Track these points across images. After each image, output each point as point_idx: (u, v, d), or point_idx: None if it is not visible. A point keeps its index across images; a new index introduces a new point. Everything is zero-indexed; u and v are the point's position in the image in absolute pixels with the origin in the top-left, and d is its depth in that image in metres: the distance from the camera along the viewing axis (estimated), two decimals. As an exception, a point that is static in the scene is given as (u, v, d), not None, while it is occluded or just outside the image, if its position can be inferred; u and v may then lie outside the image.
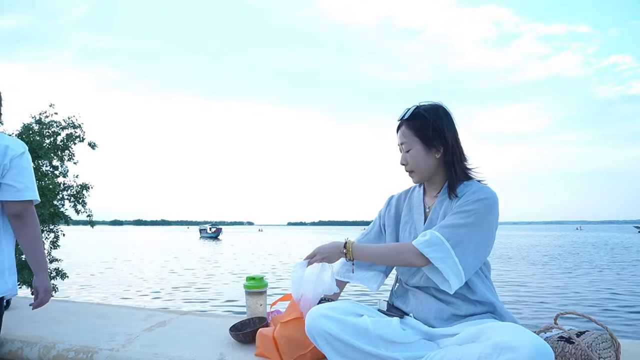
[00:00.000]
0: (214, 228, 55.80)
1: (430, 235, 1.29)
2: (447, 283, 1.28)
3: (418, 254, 1.29)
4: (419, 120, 1.40)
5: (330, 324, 1.25)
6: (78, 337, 1.78)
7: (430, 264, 1.28)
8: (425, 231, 1.33)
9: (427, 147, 1.39)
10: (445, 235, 1.28)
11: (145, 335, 1.81)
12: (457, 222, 1.29)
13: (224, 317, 2.14)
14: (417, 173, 1.44)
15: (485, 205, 1.31)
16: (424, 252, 1.27)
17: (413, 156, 1.41)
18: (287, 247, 33.33)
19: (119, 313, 2.22)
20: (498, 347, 1.02)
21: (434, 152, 1.40)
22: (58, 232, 9.54)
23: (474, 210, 1.30)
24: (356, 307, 1.36)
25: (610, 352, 1.28)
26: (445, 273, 1.26)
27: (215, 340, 1.73)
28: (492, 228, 1.33)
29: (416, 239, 1.32)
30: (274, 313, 1.76)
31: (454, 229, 1.28)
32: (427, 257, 1.27)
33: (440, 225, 1.32)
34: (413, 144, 1.40)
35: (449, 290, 1.28)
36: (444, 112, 1.41)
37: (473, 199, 1.32)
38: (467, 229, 1.28)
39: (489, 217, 1.31)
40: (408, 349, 1.24)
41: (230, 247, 33.81)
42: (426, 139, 1.38)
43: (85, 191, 9.49)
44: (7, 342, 1.75)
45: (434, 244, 1.27)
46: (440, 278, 1.30)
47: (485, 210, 1.30)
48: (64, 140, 9.00)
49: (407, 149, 1.42)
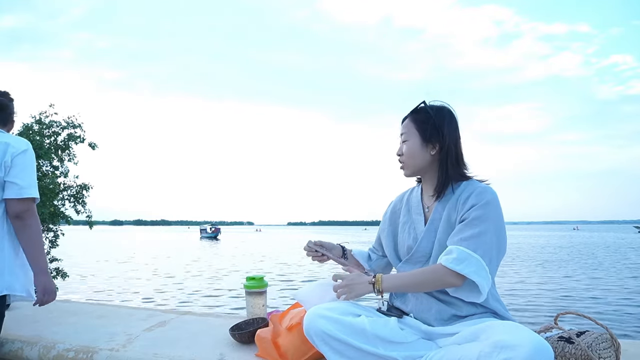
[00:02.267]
0: (213, 228, 55.90)
1: (456, 252, 1.26)
2: (474, 294, 1.27)
3: (452, 274, 1.25)
4: (422, 114, 1.43)
5: (328, 324, 1.25)
6: (78, 337, 1.78)
7: (466, 279, 1.25)
8: (449, 248, 1.29)
9: (424, 141, 1.41)
10: (471, 247, 1.25)
11: (145, 335, 1.81)
12: (476, 230, 1.27)
13: (224, 317, 2.14)
14: (408, 165, 1.45)
15: (493, 206, 1.31)
16: (457, 270, 1.23)
17: (409, 147, 1.43)
18: (284, 247, 33.33)
19: (119, 313, 2.22)
20: (498, 346, 1.02)
21: (430, 148, 1.41)
22: (58, 232, 9.54)
23: (486, 214, 1.29)
24: (354, 307, 1.36)
25: (610, 352, 1.27)
26: (481, 286, 1.23)
27: (215, 340, 1.73)
28: (504, 227, 1.33)
29: (443, 259, 1.27)
30: (273, 312, 1.76)
31: (475, 239, 1.26)
32: (462, 274, 1.23)
33: (461, 238, 1.28)
34: (411, 135, 1.43)
35: (478, 299, 1.27)
36: (449, 112, 1.43)
37: (480, 202, 1.31)
38: (487, 235, 1.27)
39: (500, 218, 1.32)
40: (406, 348, 1.25)
41: (228, 247, 33.83)
42: (424, 133, 1.40)
43: (85, 191, 9.49)
44: (7, 342, 1.75)
45: (465, 260, 1.24)
46: (467, 292, 1.28)
47: (496, 212, 1.31)
48: (64, 140, 9.00)
49: (405, 139, 1.44)
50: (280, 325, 1.54)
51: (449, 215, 1.38)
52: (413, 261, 1.44)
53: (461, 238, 1.28)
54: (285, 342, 1.47)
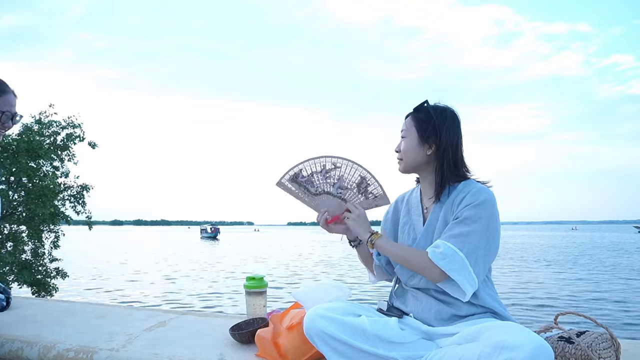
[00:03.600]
0: (212, 228, 56.06)
1: (443, 247, 1.28)
2: (460, 291, 1.27)
3: (435, 267, 1.27)
4: (424, 114, 1.43)
5: (328, 325, 1.25)
6: (78, 337, 1.78)
7: (447, 277, 1.27)
8: (437, 242, 1.31)
9: (421, 140, 1.41)
10: (457, 245, 1.26)
11: (145, 335, 1.81)
12: (465, 229, 1.28)
13: (224, 317, 2.14)
14: (403, 161, 1.46)
15: (487, 207, 1.30)
16: (439, 264, 1.26)
17: (406, 144, 1.44)
18: (283, 246, 33.32)
19: (119, 313, 2.22)
20: (498, 346, 1.02)
21: (426, 148, 1.41)
22: (59, 232, 9.54)
23: (478, 214, 1.29)
24: (354, 307, 1.36)
25: (610, 352, 1.27)
26: (462, 284, 1.24)
27: (215, 340, 1.73)
28: (497, 229, 1.32)
29: (430, 250, 1.30)
30: (273, 312, 1.76)
31: (463, 237, 1.27)
32: (443, 270, 1.25)
33: (450, 234, 1.30)
34: (410, 133, 1.44)
35: (463, 298, 1.27)
36: (452, 115, 1.43)
37: (474, 202, 1.30)
38: (476, 235, 1.27)
39: (493, 219, 1.31)
40: (407, 348, 1.25)
41: (228, 247, 33.83)
42: (423, 132, 1.41)
43: (86, 192, 9.49)
44: (7, 342, 1.75)
45: (448, 256, 1.26)
46: (454, 287, 1.28)
47: (489, 213, 1.30)
48: (64, 140, 9.01)
49: (404, 135, 1.46)
50: (280, 325, 1.54)
51: (446, 216, 1.38)
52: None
53: (450, 235, 1.30)
54: (285, 342, 1.47)
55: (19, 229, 9.24)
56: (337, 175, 1.51)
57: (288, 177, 1.53)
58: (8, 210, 8.79)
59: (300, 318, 1.47)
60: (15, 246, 8.72)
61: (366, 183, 1.49)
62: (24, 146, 8.05)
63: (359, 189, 1.50)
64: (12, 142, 8.05)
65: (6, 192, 8.36)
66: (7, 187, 8.62)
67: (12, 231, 9.08)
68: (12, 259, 8.06)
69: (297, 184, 1.53)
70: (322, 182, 1.52)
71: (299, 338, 1.44)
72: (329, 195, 1.52)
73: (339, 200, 1.52)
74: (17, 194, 8.97)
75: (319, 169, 1.51)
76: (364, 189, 1.50)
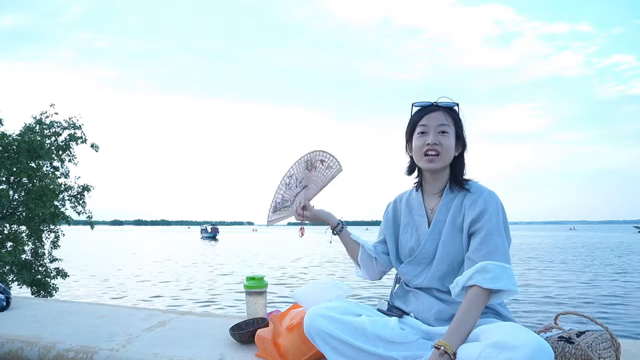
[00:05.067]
0: (212, 228, 56.15)
1: (493, 269, 1.22)
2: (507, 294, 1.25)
3: (490, 292, 1.23)
4: (456, 115, 1.43)
5: (328, 324, 1.25)
6: (78, 337, 1.78)
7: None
8: (483, 265, 1.23)
9: (456, 140, 1.42)
10: (501, 259, 1.24)
11: (145, 335, 1.81)
12: (494, 240, 1.27)
13: (224, 317, 2.14)
14: (441, 157, 1.38)
15: (502, 212, 1.34)
16: (498, 287, 1.21)
17: (449, 141, 1.38)
18: (282, 246, 33.32)
19: (119, 313, 2.22)
20: (498, 346, 1.02)
21: (457, 149, 1.43)
22: (59, 232, 9.54)
23: (498, 222, 1.30)
24: (355, 307, 1.36)
25: (610, 352, 1.27)
26: (513, 290, 1.22)
27: (215, 340, 1.73)
28: (507, 223, 1.35)
29: (478, 279, 1.22)
30: (273, 312, 1.76)
31: (501, 250, 1.26)
32: (502, 289, 1.22)
33: (487, 251, 1.25)
34: (450, 130, 1.39)
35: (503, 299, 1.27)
36: None
37: (491, 210, 1.31)
38: (505, 244, 1.28)
39: (507, 221, 1.34)
40: (407, 348, 1.25)
41: (228, 247, 33.84)
42: (458, 132, 1.42)
43: (86, 192, 9.49)
44: (7, 342, 1.75)
45: (501, 275, 1.22)
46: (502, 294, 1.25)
47: (504, 217, 1.33)
48: (65, 141, 9.00)
49: (445, 130, 1.38)
50: (280, 325, 1.54)
51: (454, 217, 1.37)
52: (416, 262, 1.44)
53: (487, 252, 1.26)
54: (285, 342, 1.47)
55: (19, 229, 9.26)
56: (293, 178, 1.68)
57: (271, 212, 1.73)
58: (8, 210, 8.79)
59: (300, 318, 1.47)
60: (15, 246, 8.73)
61: (311, 162, 1.65)
62: (25, 146, 8.06)
63: (308, 169, 1.66)
64: (12, 142, 8.07)
65: (6, 192, 8.37)
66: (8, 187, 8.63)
67: (12, 231, 9.10)
68: (12, 259, 8.07)
69: (279, 210, 1.72)
70: (290, 195, 1.69)
71: (299, 338, 1.44)
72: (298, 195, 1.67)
73: (298, 190, 1.67)
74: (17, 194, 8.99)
75: (284, 188, 1.70)
76: (312, 166, 1.65)
